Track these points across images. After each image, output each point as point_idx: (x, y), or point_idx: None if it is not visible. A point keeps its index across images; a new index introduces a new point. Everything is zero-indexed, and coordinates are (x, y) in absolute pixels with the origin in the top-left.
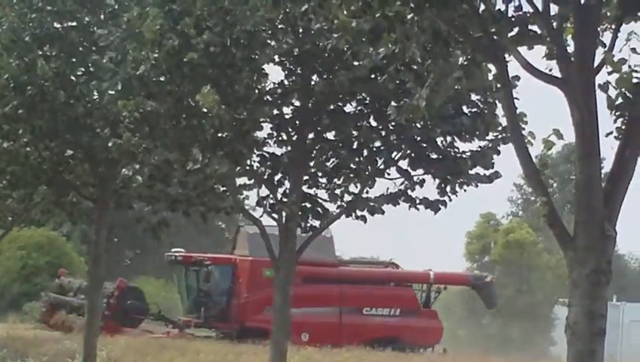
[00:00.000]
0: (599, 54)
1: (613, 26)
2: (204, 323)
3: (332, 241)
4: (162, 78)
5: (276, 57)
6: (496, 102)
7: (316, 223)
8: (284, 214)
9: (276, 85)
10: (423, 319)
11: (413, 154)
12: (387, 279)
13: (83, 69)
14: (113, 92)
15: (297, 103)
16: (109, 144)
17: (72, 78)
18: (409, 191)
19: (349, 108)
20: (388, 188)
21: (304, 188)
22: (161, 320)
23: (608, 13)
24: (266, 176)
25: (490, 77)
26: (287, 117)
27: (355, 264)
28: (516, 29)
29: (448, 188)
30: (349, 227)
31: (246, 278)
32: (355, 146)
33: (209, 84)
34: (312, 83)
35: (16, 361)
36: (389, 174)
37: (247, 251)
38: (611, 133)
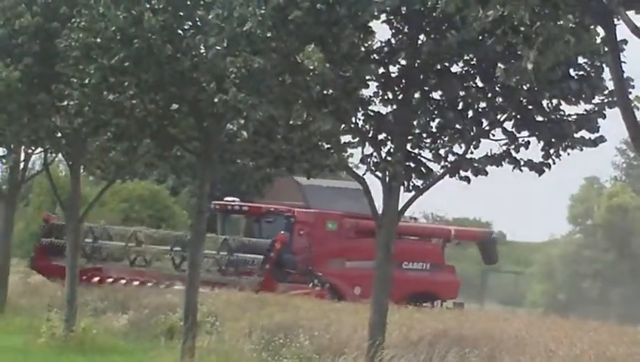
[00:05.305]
0: None
1: None
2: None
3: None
4: (268, 35)
5: (383, 16)
6: (604, 65)
7: (419, 183)
8: (387, 173)
9: (383, 44)
10: (447, 274)
11: (518, 117)
12: (417, 234)
13: (190, 23)
14: (219, 47)
15: (404, 62)
16: (215, 99)
17: (179, 32)
18: (513, 153)
19: (455, 68)
20: (492, 150)
21: (408, 147)
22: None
23: None
24: (370, 135)
25: (599, 40)
26: (393, 76)
27: None
28: None
29: (552, 151)
30: (449, 186)
31: (310, 230)
32: (460, 107)
33: (314, 43)
34: (420, 43)
35: (117, 313)
36: (493, 135)
37: (306, 203)
38: None
